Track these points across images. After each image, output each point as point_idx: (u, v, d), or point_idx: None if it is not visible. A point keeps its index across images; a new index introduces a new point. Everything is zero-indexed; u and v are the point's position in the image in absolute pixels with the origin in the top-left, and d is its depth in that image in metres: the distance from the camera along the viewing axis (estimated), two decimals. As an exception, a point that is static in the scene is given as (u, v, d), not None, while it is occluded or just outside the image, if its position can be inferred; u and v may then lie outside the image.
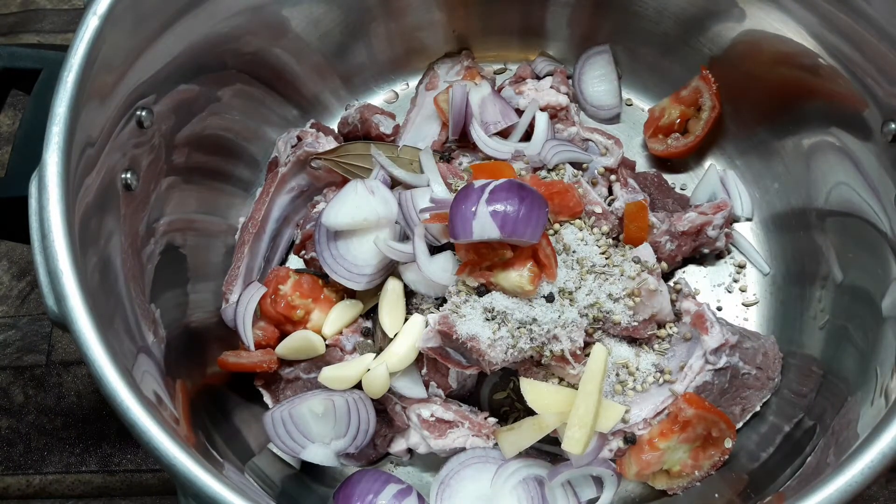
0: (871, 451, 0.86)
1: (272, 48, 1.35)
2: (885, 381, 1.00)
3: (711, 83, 1.39)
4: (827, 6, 1.13)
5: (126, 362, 0.93)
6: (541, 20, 1.49)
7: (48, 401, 1.49)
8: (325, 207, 1.22)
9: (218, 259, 1.35)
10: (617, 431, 1.17)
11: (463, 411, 1.20)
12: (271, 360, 1.24)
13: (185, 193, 1.26)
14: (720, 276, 1.38)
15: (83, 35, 0.99)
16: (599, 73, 1.49)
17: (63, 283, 0.90)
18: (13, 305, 1.57)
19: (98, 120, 1.02)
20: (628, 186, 1.33)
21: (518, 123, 1.35)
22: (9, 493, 1.44)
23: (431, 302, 1.20)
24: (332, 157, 1.33)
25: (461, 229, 1.06)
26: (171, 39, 1.13)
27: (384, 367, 1.14)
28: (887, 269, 1.08)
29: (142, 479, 1.44)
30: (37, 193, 0.93)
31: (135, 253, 1.10)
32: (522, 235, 1.06)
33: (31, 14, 1.81)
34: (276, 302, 1.25)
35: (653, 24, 1.41)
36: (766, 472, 1.13)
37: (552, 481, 1.13)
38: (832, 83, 1.17)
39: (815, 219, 1.28)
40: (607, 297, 1.16)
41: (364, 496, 1.12)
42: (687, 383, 1.18)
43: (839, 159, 1.20)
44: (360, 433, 1.17)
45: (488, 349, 1.09)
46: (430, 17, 1.46)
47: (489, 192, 1.06)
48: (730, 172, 1.42)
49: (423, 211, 1.16)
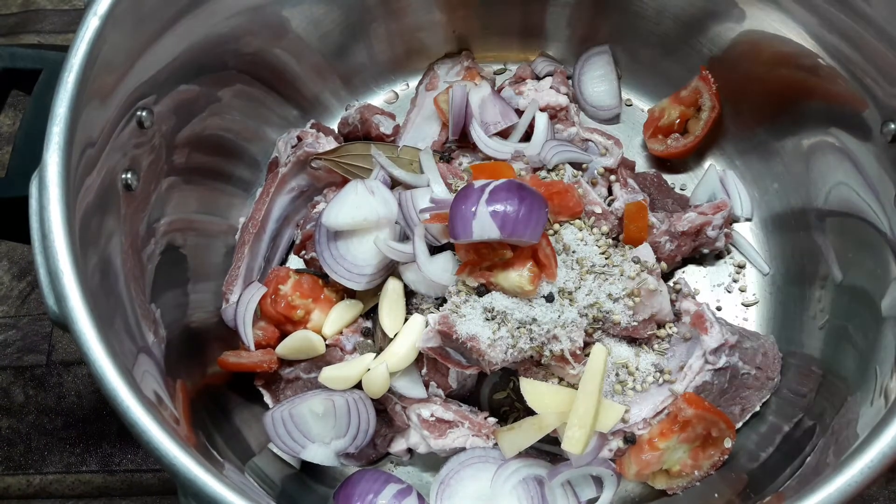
0: (871, 451, 0.86)
1: (272, 48, 1.35)
2: (884, 381, 1.00)
3: (711, 83, 1.39)
4: (827, 6, 1.13)
5: (126, 362, 0.93)
6: (541, 20, 1.49)
7: (48, 401, 1.49)
8: (325, 207, 1.22)
9: (218, 259, 1.35)
10: (617, 431, 1.17)
11: (463, 411, 1.20)
12: (271, 360, 1.24)
13: (185, 193, 1.26)
14: (720, 276, 1.38)
15: (83, 35, 0.99)
16: (599, 73, 1.49)
17: (63, 283, 0.90)
18: (13, 305, 1.57)
19: (98, 120, 1.02)
20: (628, 186, 1.33)
21: (518, 124, 1.35)
22: (9, 493, 1.44)
23: (431, 302, 1.20)
24: (332, 157, 1.33)
25: (461, 229, 1.06)
26: (171, 40, 1.13)
27: (384, 367, 1.14)
28: (887, 269, 1.08)
29: (142, 479, 1.44)
30: (37, 193, 0.93)
31: (135, 253, 1.10)
32: (522, 235, 1.06)
33: (32, 14, 1.81)
34: (277, 302, 1.25)
35: (653, 24, 1.41)
36: (765, 471, 1.13)
37: (552, 481, 1.13)
38: (832, 83, 1.17)
39: (814, 219, 1.28)
40: (607, 297, 1.16)
41: (364, 496, 1.12)
42: (687, 383, 1.18)
43: (839, 159, 1.20)
44: (360, 433, 1.17)
45: (488, 349, 1.09)
46: (430, 18, 1.46)
47: (489, 192, 1.06)
48: (729, 172, 1.42)
49: (423, 211, 1.16)
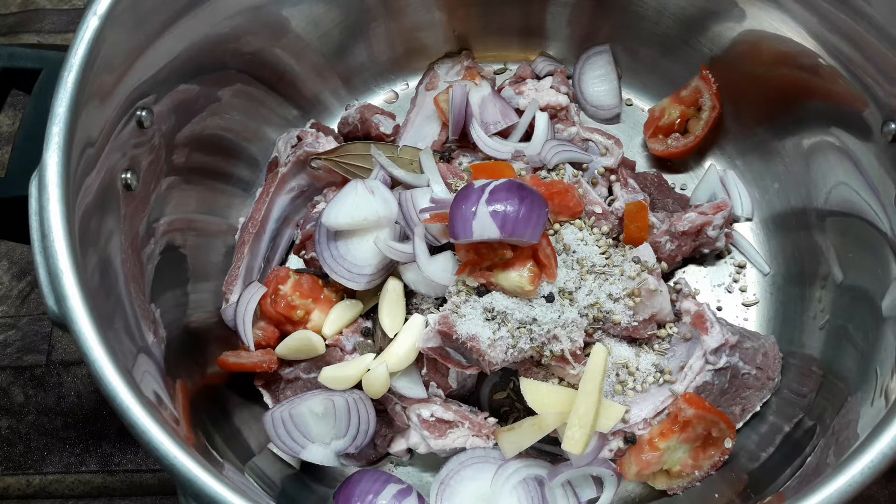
0: (871, 451, 0.86)
1: (272, 48, 1.35)
2: (885, 381, 1.00)
3: (711, 83, 1.39)
4: (827, 6, 1.13)
5: (126, 362, 0.93)
6: (541, 20, 1.49)
7: (48, 401, 1.49)
8: (325, 207, 1.22)
9: (218, 259, 1.35)
10: (617, 431, 1.17)
11: (463, 411, 1.20)
12: (271, 360, 1.24)
13: (185, 193, 1.25)
14: (720, 276, 1.38)
15: (83, 35, 0.98)
16: (599, 73, 1.49)
17: (63, 283, 0.90)
18: (13, 305, 1.57)
19: (98, 120, 1.02)
20: (628, 186, 1.33)
21: (518, 123, 1.35)
22: (9, 493, 1.44)
23: (431, 302, 1.20)
24: (332, 157, 1.33)
25: (461, 229, 1.06)
26: (171, 39, 1.13)
27: (384, 367, 1.14)
28: (887, 269, 1.08)
29: (142, 479, 1.44)
30: (37, 193, 0.93)
31: (135, 253, 1.10)
32: (522, 235, 1.06)
33: (31, 14, 1.81)
34: (276, 302, 1.25)
35: (653, 24, 1.41)
36: (766, 472, 1.13)
37: (552, 481, 1.13)
38: (832, 83, 1.17)
39: (815, 219, 1.28)
40: (607, 297, 1.16)
41: (364, 496, 1.12)
42: (687, 383, 1.18)
43: (839, 159, 1.20)
44: (360, 433, 1.17)
45: (488, 349, 1.09)
46: (430, 17, 1.46)
47: (489, 192, 1.06)
48: (730, 172, 1.42)
49: (423, 211, 1.16)
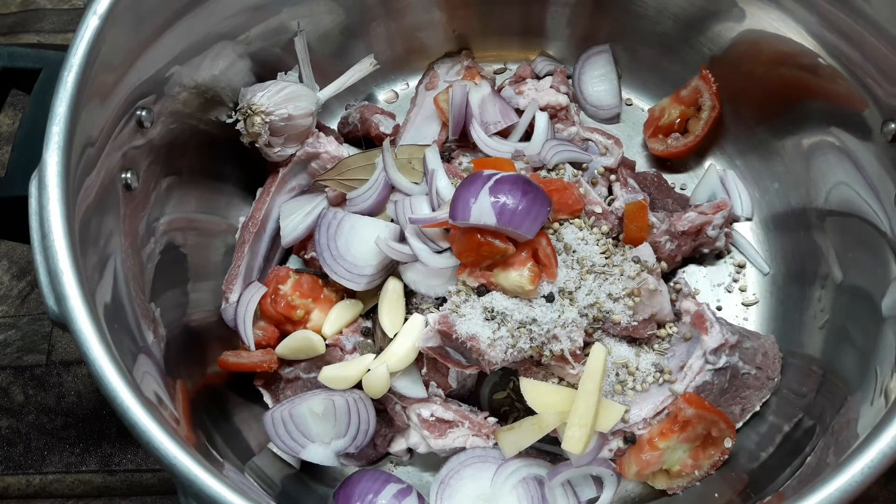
0: (871, 451, 0.86)
1: (272, 48, 1.35)
2: (885, 381, 1.00)
3: (711, 83, 1.39)
4: (827, 6, 1.13)
5: (126, 362, 0.93)
6: (541, 20, 1.49)
7: (48, 401, 1.49)
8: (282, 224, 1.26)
9: (218, 259, 1.35)
10: (617, 431, 1.17)
11: (463, 411, 1.20)
12: (271, 360, 1.24)
13: (184, 193, 1.25)
14: (720, 275, 1.38)
15: (83, 35, 0.98)
16: (599, 72, 1.49)
17: (63, 283, 0.90)
18: (13, 305, 1.57)
19: (98, 120, 1.02)
20: (628, 186, 1.33)
21: (518, 123, 1.35)
22: (9, 492, 1.44)
23: (431, 302, 1.20)
24: (333, 176, 1.32)
25: (461, 211, 1.07)
26: (171, 39, 1.13)
27: (384, 367, 1.14)
28: (887, 269, 1.08)
29: (142, 479, 1.44)
30: (37, 193, 0.93)
31: (135, 252, 1.10)
32: (518, 228, 1.06)
33: (31, 14, 1.81)
34: (276, 302, 1.25)
35: (653, 24, 1.41)
36: (765, 471, 1.13)
37: (552, 481, 1.13)
38: (832, 83, 1.17)
39: (814, 219, 1.28)
40: (607, 296, 1.16)
41: (364, 496, 1.13)
42: (687, 383, 1.18)
43: (839, 159, 1.20)
44: (360, 433, 1.17)
45: (488, 349, 1.09)
46: (430, 17, 1.46)
47: (495, 180, 1.08)
48: (730, 172, 1.42)
49: (413, 222, 1.16)
